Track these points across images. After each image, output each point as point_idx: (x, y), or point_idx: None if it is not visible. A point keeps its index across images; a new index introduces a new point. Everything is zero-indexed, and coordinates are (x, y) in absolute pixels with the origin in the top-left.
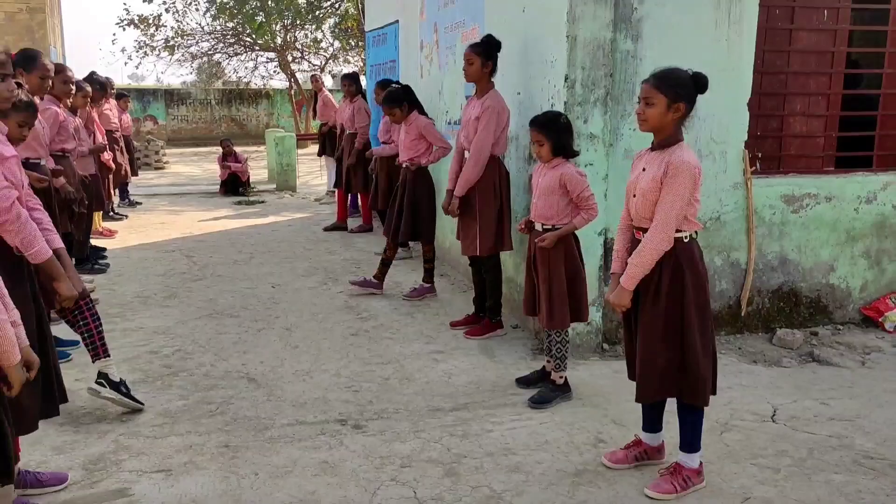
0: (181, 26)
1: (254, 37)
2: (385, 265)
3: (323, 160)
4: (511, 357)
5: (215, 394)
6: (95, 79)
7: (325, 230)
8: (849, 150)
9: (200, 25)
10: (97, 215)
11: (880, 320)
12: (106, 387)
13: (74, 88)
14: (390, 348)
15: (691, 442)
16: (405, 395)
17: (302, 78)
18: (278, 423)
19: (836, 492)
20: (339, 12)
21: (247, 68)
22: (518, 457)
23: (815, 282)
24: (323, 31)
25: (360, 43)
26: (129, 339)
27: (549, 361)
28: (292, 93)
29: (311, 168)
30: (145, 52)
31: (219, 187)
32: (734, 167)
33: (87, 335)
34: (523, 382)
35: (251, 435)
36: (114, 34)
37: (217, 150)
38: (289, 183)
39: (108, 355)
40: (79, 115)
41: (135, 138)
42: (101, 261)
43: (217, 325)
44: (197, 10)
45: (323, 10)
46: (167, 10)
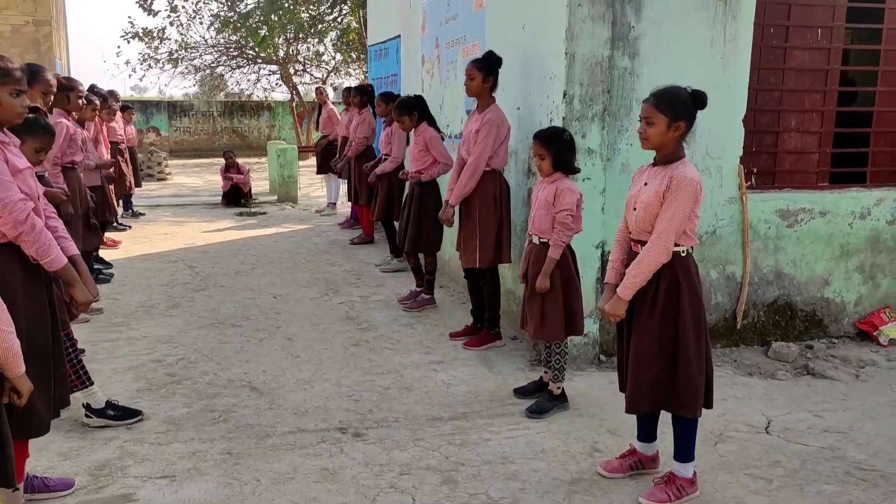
0: (185, 39)
1: (256, 50)
2: (418, 273)
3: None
4: (509, 368)
5: (218, 402)
6: (97, 91)
7: (353, 243)
8: (843, 166)
9: (204, 39)
10: None
11: (875, 334)
12: (92, 416)
13: (85, 102)
14: (390, 358)
15: (685, 452)
16: (405, 404)
17: (304, 90)
18: (280, 430)
19: (828, 502)
20: (341, 26)
21: (249, 80)
22: (515, 465)
23: (810, 295)
24: (325, 45)
25: (362, 56)
26: (133, 347)
27: (546, 372)
28: (294, 105)
29: (312, 180)
30: (149, 65)
31: (221, 198)
32: (730, 182)
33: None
34: (521, 393)
35: (253, 442)
36: (118, 47)
37: (219, 161)
38: (290, 194)
39: (89, 383)
40: (86, 127)
41: (138, 149)
42: (105, 270)
43: (219, 335)
44: (201, 23)
45: (325, 24)
46: (171, 24)
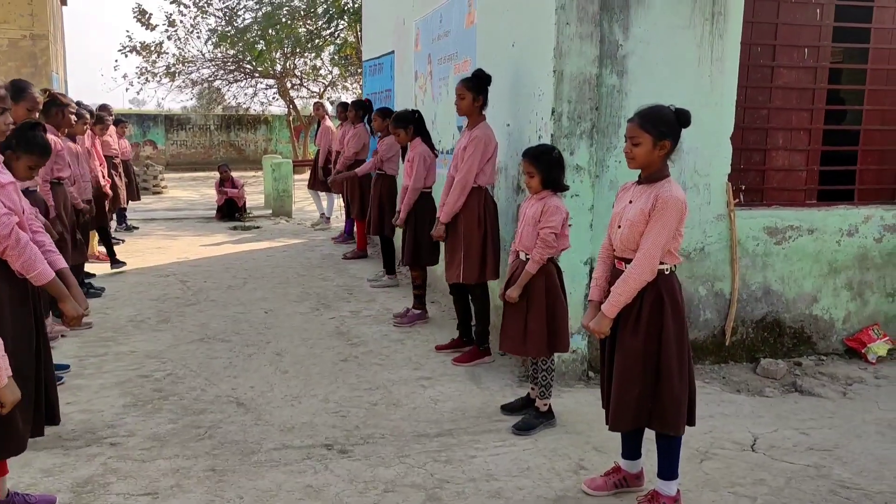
0: (183, 53)
1: (254, 64)
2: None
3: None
4: (497, 384)
5: (204, 418)
6: (84, 107)
7: (345, 258)
8: (830, 183)
9: (201, 53)
10: (91, 238)
11: (863, 351)
12: None
13: (76, 118)
14: (379, 374)
15: (669, 469)
16: (391, 420)
17: (301, 104)
18: (265, 447)
19: None
20: (337, 41)
21: (246, 94)
22: (500, 482)
23: (798, 312)
24: (322, 59)
25: (359, 70)
26: (121, 362)
27: (533, 389)
28: (291, 119)
29: (307, 194)
30: (146, 79)
31: (215, 212)
32: (718, 199)
33: None
34: (508, 409)
35: (238, 459)
36: (116, 60)
37: (216, 174)
38: (284, 208)
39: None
40: (77, 141)
41: (134, 163)
42: (91, 282)
43: (208, 350)
44: (198, 38)
45: (322, 39)
46: (169, 38)
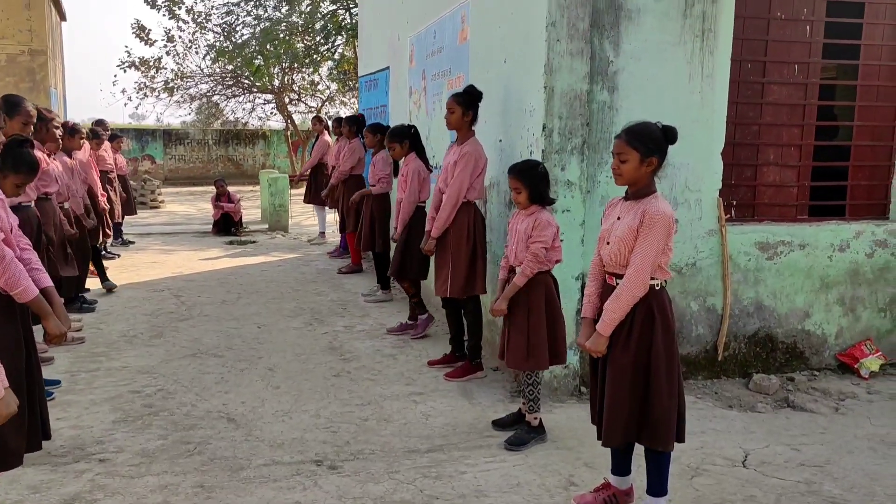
0: (181, 69)
1: (252, 79)
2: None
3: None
4: (489, 399)
5: (194, 434)
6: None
7: (340, 273)
8: (822, 199)
9: (200, 68)
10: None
11: (856, 367)
12: None
13: (61, 132)
14: (370, 389)
15: (658, 486)
16: (382, 436)
17: (299, 119)
18: (254, 463)
19: None
20: (335, 57)
21: (244, 109)
22: (490, 499)
23: (790, 328)
24: (320, 75)
25: (356, 85)
26: (113, 378)
27: (524, 404)
28: (289, 134)
29: (304, 208)
30: (145, 94)
31: (212, 227)
32: (709, 214)
33: None
34: (499, 425)
35: (227, 475)
36: (115, 76)
37: (213, 189)
38: (281, 223)
39: None
40: (73, 156)
41: (132, 177)
42: (87, 297)
43: (200, 365)
44: (197, 53)
45: (320, 55)
46: (168, 54)
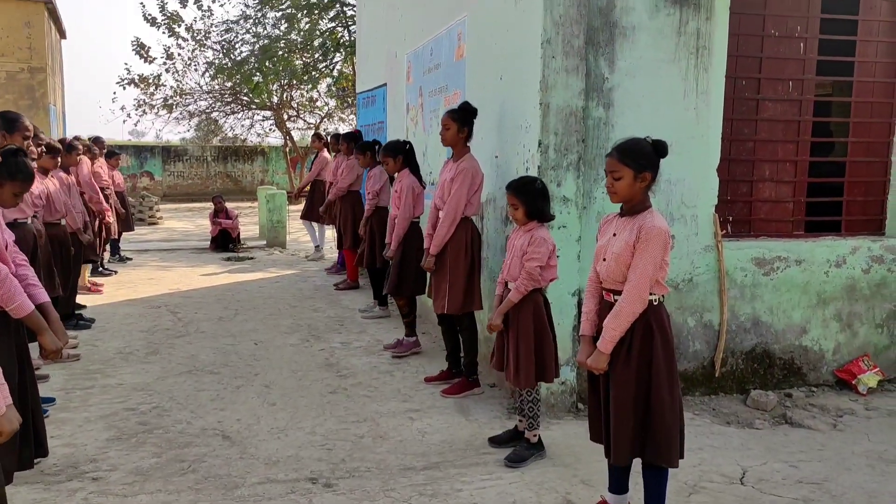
0: (180, 86)
1: (251, 96)
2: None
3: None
4: (486, 416)
5: (189, 451)
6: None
7: (337, 289)
8: (817, 215)
9: (199, 85)
10: (84, 270)
11: (853, 383)
12: None
13: (45, 149)
14: (367, 406)
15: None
16: (378, 453)
17: (297, 136)
18: (249, 481)
19: None
20: (334, 73)
21: (243, 126)
22: None
23: (788, 343)
24: (318, 91)
25: (355, 102)
26: (108, 395)
27: (521, 420)
28: (287, 150)
29: (302, 224)
30: (144, 111)
31: (209, 243)
32: (705, 230)
33: None
34: (496, 442)
35: (220, 494)
36: (114, 93)
37: (211, 205)
38: (279, 239)
39: None
40: (70, 172)
41: (130, 194)
42: (83, 314)
43: (196, 382)
44: (196, 70)
45: (318, 72)
46: (167, 71)
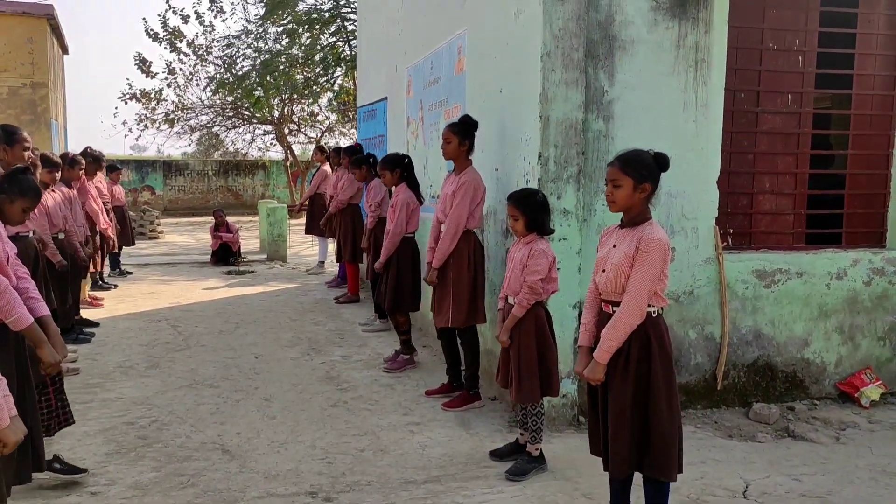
0: (182, 100)
1: (252, 110)
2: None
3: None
4: (487, 429)
5: (188, 465)
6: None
7: (338, 302)
8: (818, 227)
9: (200, 100)
10: (84, 284)
11: (856, 395)
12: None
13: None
14: (367, 420)
15: None
16: (378, 466)
17: (298, 150)
18: (248, 495)
19: None
20: (334, 87)
21: (244, 140)
22: None
23: (789, 356)
24: (319, 105)
25: (355, 116)
26: (107, 409)
27: (522, 434)
28: (288, 164)
29: (304, 238)
30: (146, 125)
31: (210, 257)
32: (706, 242)
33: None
34: (497, 455)
35: None
36: (116, 107)
37: (212, 219)
38: (279, 253)
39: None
40: (72, 186)
41: (132, 208)
42: (86, 329)
43: (196, 396)
44: (198, 85)
45: (319, 86)
46: (169, 86)
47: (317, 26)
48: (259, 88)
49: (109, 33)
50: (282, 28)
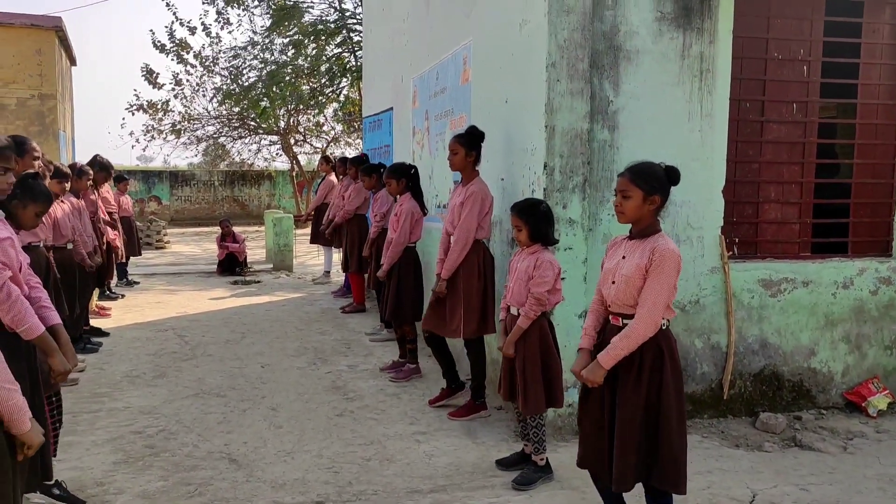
0: (188, 111)
1: (258, 121)
2: (402, 344)
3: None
4: (493, 439)
5: (195, 475)
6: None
7: (344, 312)
8: (824, 236)
9: (207, 110)
10: (93, 295)
11: (863, 405)
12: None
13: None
14: (373, 429)
15: None
16: (385, 476)
17: (304, 160)
18: None
19: None
20: (340, 98)
21: (250, 150)
22: None
23: (796, 365)
24: (325, 116)
25: (361, 126)
26: (115, 419)
27: (527, 445)
28: (294, 174)
29: (309, 248)
30: (152, 136)
31: (216, 267)
32: (711, 252)
33: None
34: (504, 465)
35: None
36: (123, 118)
37: (218, 229)
38: (285, 263)
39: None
40: (81, 196)
41: (138, 218)
42: (94, 339)
43: (203, 405)
44: (204, 96)
45: (325, 96)
46: (176, 97)
47: (322, 37)
48: (265, 99)
49: (117, 45)
50: (288, 39)
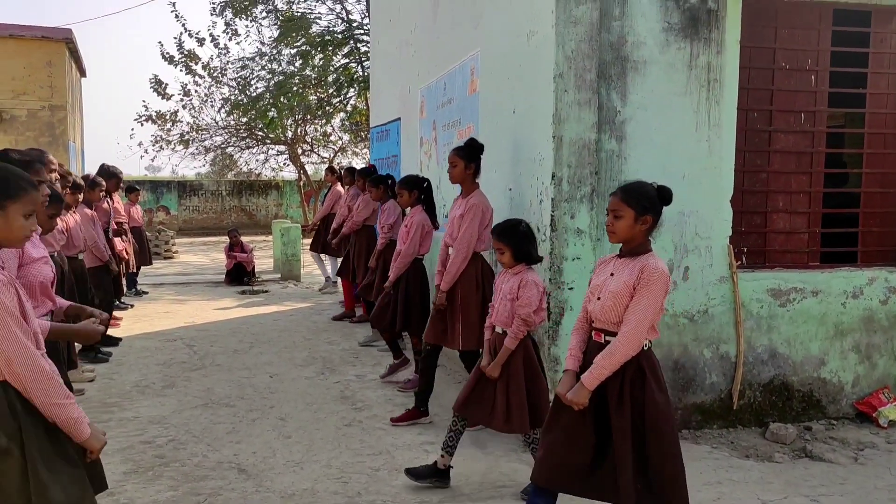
0: (197, 121)
1: (265, 131)
2: (394, 348)
3: (324, 256)
4: (502, 449)
5: (205, 485)
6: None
7: (334, 319)
8: (833, 246)
9: (215, 121)
10: None
11: (874, 415)
12: None
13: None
14: (382, 439)
15: None
16: (393, 486)
17: (311, 170)
18: None
19: None
20: (347, 108)
21: (258, 160)
22: None
23: (806, 375)
24: (332, 126)
25: (368, 136)
26: (124, 428)
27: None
28: (301, 184)
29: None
30: (161, 146)
31: (224, 277)
32: (720, 261)
33: None
34: (413, 474)
35: None
36: (132, 129)
37: (226, 239)
38: (293, 272)
39: None
40: (94, 207)
41: (147, 228)
42: (104, 348)
43: (212, 415)
44: (212, 106)
45: (332, 106)
46: (184, 107)
47: (330, 48)
48: (273, 109)
49: (126, 56)
50: (295, 50)
